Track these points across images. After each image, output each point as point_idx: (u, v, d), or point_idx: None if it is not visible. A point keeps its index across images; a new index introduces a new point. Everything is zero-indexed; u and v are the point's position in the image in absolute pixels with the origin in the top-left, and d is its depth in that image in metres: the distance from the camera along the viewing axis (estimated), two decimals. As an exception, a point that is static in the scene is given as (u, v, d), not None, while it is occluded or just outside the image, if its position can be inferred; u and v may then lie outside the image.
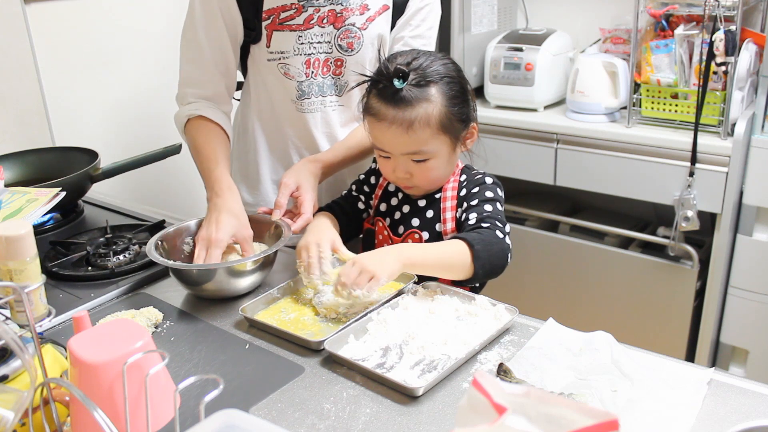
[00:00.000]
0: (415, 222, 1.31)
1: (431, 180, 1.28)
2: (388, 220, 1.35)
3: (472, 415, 0.60)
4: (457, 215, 1.28)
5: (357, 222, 1.40)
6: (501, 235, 1.20)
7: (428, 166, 1.24)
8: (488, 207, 1.24)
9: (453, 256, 1.15)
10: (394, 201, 1.36)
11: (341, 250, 1.22)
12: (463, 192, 1.29)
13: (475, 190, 1.27)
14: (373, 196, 1.39)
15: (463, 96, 1.24)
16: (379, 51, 1.41)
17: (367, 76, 1.26)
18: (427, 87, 1.19)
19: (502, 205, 1.27)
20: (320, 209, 1.37)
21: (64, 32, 2.03)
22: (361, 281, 1.09)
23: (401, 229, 1.33)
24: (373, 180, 1.40)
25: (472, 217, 1.23)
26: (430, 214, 1.31)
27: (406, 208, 1.33)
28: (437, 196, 1.31)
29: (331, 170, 1.43)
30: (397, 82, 1.18)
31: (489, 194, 1.26)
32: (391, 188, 1.37)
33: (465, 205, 1.27)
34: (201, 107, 1.42)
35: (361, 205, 1.40)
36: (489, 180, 1.29)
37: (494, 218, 1.22)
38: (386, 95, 1.20)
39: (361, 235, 1.41)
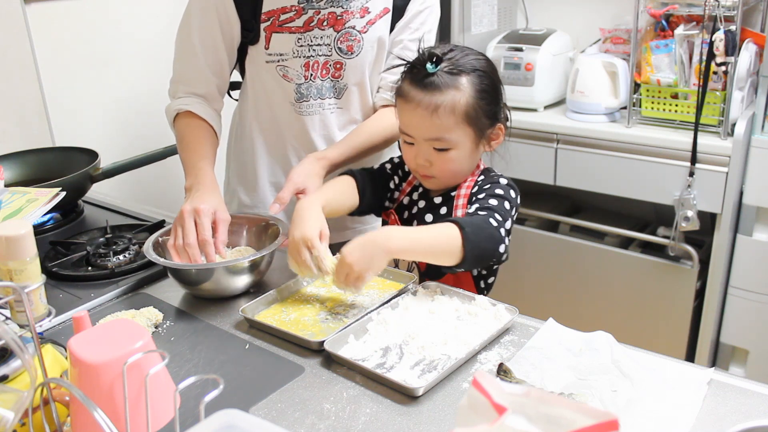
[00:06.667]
0: (429, 218, 1.31)
1: (450, 172, 1.26)
2: (405, 213, 1.35)
3: (472, 415, 0.60)
4: (468, 211, 1.28)
5: (380, 198, 1.37)
6: (495, 223, 1.17)
7: (449, 156, 1.23)
8: (493, 201, 1.22)
9: (442, 238, 1.13)
10: (415, 196, 1.36)
11: (318, 248, 1.15)
12: (476, 189, 1.28)
13: (487, 187, 1.27)
14: (402, 186, 1.38)
15: (494, 93, 1.24)
16: (419, 42, 1.41)
17: (405, 60, 1.27)
18: (458, 76, 1.20)
19: (511, 205, 1.24)
20: (345, 173, 1.35)
21: (64, 32, 2.03)
22: (348, 282, 1.11)
23: (414, 224, 1.33)
24: (406, 169, 1.38)
25: (474, 208, 1.22)
26: (443, 210, 1.30)
27: (422, 203, 1.34)
28: (453, 194, 1.30)
29: (336, 168, 1.43)
30: (429, 66, 1.19)
31: (498, 191, 1.24)
32: (416, 182, 1.36)
33: (473, 199, 1.27)
34: (191, 103, 1.42)
35: (392, 185, 1.38)
36: (504, 181, 1.28)
37: (494, 210, 1.19)
38: (417, 78, 1.21)
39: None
